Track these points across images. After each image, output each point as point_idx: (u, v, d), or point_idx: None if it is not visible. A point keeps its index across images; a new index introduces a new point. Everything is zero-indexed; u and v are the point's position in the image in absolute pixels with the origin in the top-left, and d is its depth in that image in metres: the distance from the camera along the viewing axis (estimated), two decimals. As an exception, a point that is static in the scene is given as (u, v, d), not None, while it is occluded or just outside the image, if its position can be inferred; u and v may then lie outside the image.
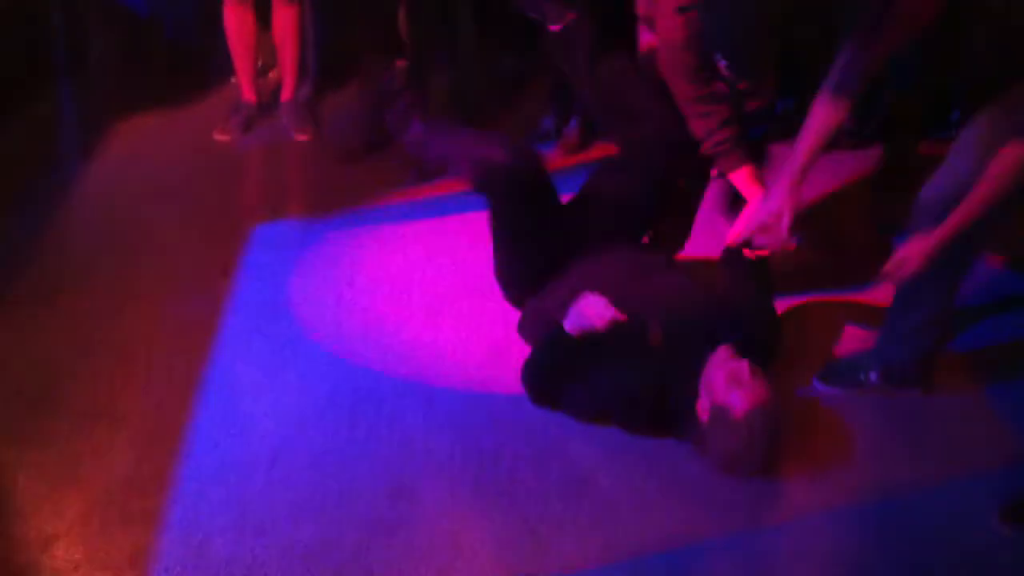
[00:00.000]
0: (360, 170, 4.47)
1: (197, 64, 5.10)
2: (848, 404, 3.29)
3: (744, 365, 2.96)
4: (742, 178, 3.50)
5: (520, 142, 3.66)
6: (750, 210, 3.49)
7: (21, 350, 3.46)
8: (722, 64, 3.31)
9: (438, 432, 3.17)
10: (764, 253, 3.43)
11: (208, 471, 3.02)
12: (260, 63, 4.96)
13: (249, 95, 4.80)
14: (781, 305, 3.52)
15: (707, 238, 3.78)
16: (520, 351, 3.32)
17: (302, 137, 4.71)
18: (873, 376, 3.32)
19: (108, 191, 4.33)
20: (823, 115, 3.11)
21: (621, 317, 3.11)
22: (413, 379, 3.37)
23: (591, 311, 3.14)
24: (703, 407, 2.98)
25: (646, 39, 3.84)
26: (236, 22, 4.62)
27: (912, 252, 2.98)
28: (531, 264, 3.39)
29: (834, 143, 3.61)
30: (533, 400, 3.18)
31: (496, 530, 2.86)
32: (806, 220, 3.49)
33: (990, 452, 3.14)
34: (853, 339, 3.52)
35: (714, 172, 3.63)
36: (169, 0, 5.18)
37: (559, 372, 3.14)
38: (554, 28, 3.71)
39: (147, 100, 4.91)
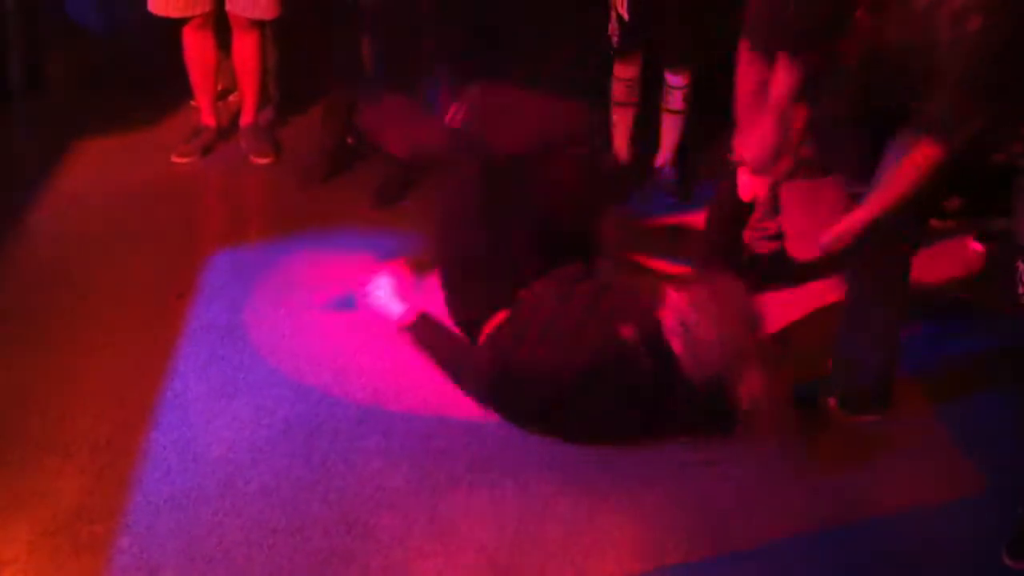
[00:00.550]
0: (321, 195, 4.43)
1: (156, 86, 5.06)
2: (811, 430, 3.29)
3: (667, 288, 2.98)
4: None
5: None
6: None
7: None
8: None
9: (394, 460, 3.14)
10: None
11: (160, 499, 2.97)
12: (220, 87, 4.92)
13: (209, 119, 4.76)
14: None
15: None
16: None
17: (261, 162, 4.67)
18: (832, 402, 3.33)
19: (63, 213, 4.27)
20: None
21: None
22: (370, 406, 3.33)
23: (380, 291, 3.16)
24: (676, 347, 2.92)
25: None
26: (196, 46, 4.59)
27: (842, 227, 3.08)
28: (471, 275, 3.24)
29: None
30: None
31: (450, 560, 2.83)
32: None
33: (951, 478, 3.17)
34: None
35: None
36: (128, 21, 5.13)
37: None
38: None
39: (105, 122, 4.86)
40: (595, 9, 4.41)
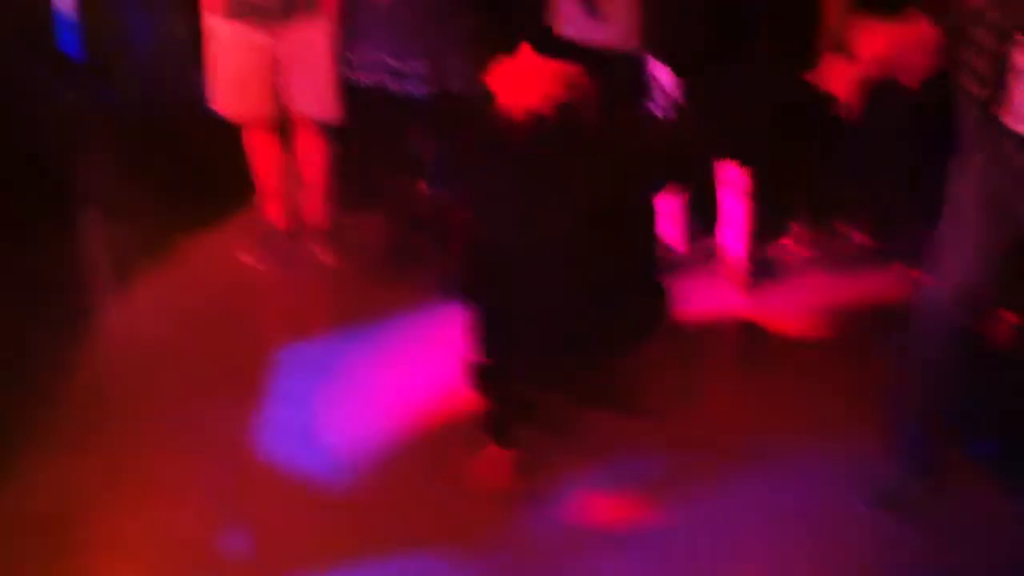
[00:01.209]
0: (389, 293, 4.47)
1: (221, 185, 5.13)
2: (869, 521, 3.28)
3: None
4: None
5: None
6: None
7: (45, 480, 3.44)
8: None
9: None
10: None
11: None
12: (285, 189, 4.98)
13: (276, 219, 4.82)
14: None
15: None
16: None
17: (329, 260, 4.72)
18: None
19: (133, 320, 4.33)
20: None
21: None
22: (434, 522, 3.34)
23: None
24: None
25: None
26: (262, 149, 4.66)
27: None
28: None
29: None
30: None
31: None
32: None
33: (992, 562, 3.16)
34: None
35: None
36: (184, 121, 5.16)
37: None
38: None
39: (173, 225, 4.88)
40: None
